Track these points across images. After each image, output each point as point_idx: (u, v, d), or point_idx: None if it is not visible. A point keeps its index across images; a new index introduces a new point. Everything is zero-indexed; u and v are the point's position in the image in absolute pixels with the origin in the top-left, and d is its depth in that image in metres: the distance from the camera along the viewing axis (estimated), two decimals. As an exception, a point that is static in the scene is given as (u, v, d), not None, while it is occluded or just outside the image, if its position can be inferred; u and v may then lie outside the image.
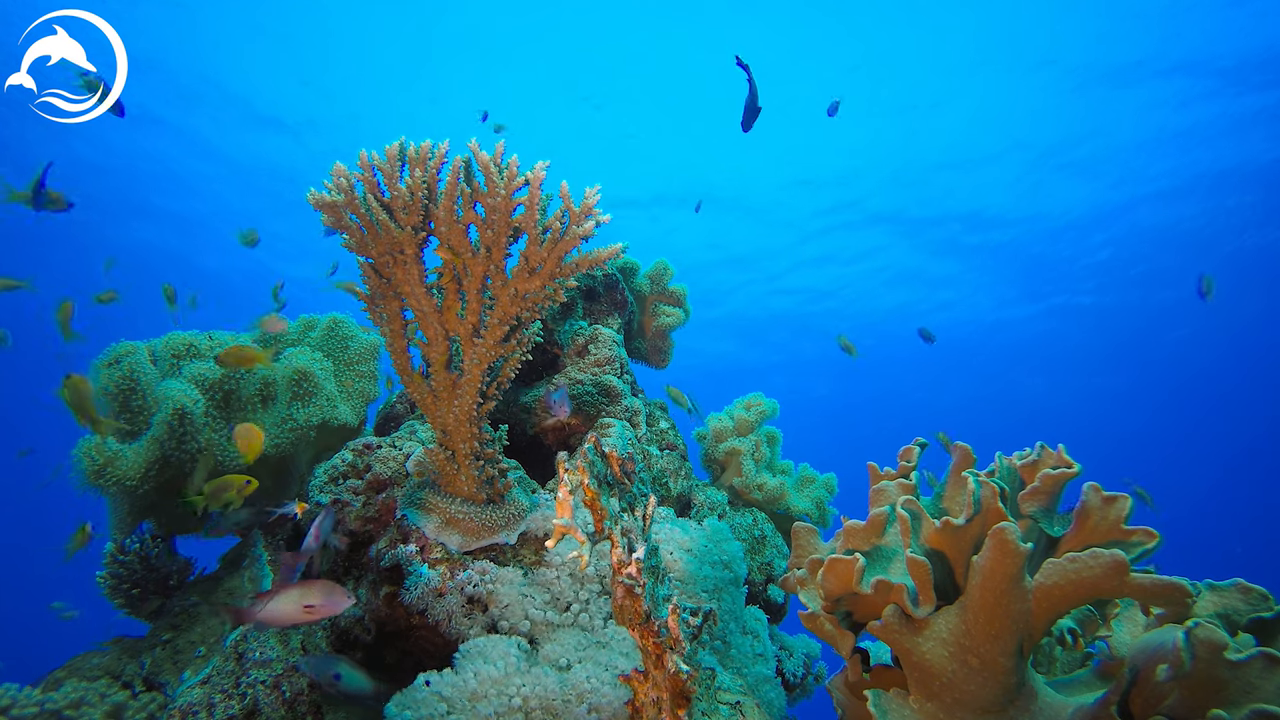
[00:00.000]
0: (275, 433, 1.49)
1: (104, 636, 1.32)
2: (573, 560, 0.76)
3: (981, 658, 0.68)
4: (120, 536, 1.37)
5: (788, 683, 1.49)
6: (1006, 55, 7.80)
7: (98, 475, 1.24)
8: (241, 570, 1.41)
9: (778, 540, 1.74)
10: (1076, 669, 0.85)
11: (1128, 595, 0.63)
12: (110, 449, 1.25)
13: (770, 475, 1.84)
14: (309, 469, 1.54)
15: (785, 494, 1.79)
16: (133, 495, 1.33)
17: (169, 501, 1.44)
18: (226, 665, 1.06)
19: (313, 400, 1.53)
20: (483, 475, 1.23)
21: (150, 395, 1.37)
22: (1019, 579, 0.65)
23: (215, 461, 1.39)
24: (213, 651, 1.23)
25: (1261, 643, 0.65)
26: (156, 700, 1.15)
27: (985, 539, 0.66)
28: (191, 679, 1.09)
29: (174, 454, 1.33)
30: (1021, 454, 0.81)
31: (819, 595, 0.80)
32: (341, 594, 0.91)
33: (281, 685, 1.03)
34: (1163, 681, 0.61)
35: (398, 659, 1.26)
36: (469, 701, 0.97)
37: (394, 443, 1.47)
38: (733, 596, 1.33)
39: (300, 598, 0.88)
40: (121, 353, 1.37)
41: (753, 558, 1.66)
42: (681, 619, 0.80)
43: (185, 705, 0.98)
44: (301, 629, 1.18)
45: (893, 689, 0.76)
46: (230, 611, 1.00)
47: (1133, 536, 0.67)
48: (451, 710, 0.96)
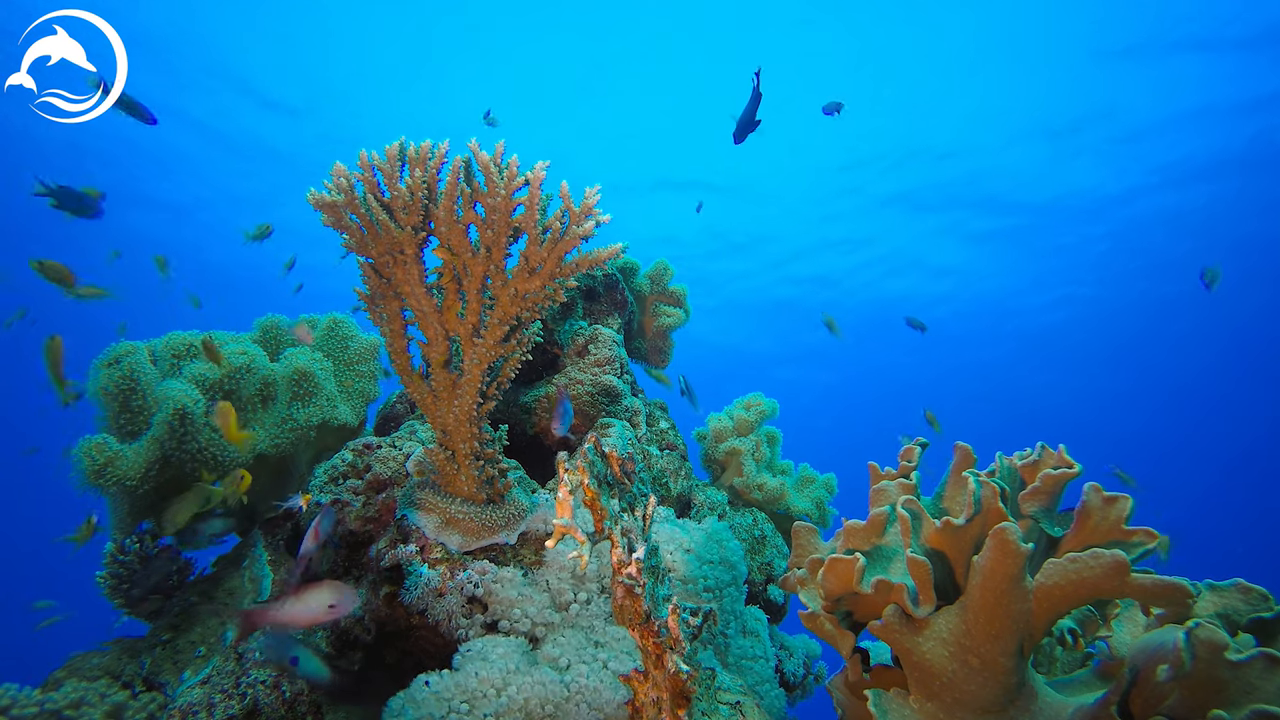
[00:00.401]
0: (275, 432, 1.49)
1: (105, 636, 1.32)
2: (573, 560, 0.76)
3: (982, 657, 0.68)
4: (120, 536, 1.37)
5: (788, 683, 1.49)
6: (1012, 36, 7.77)
7: (98, 475, 1.24)
8: (242, 570, 1.41)
9: (778, 540, 1.74)
10: (1077, 669, 0.85)
11: (1128, 596, 0.63)
12: (111, 449, 1.25)
13: (770, 475, 1.84)
14: (309, 469, 1.54)
15: (785, 494, 1.80)
16: (133, 495, 1.33)
17: (169, 501, 1.44)
18: (226, 665, 1.06)
19: (313, 400, 1.53)
20: (483, 475, 1.23)
21: (150, 395, 1.36)
22: (1020, 579, 0.65)
23: (213, 466, 1.39)
24: (213, 651, 1.23)
25: (1262, 643, 0.65)
26: (156, 700, 1.15)
27: (986, 539, 0.66)
28: (191, 679, 1.09)
29: (174, 454, 1.33)
30: (1022, 454, 0.81)
31: (819, 595, 0.80)
32: (352, 593, 0.91)
33: (281, 685, 1.03)
34: (1163, 682, 0.61)
35: (398, 659, 1.26)
36: (469, 702, 0.97)
37: (394, 443, 1.47)
38: (733, 597, 1.33)
39: (321, 598, 0.88)
40: (121, 353, 1.36)
41: (753, 558, 1.66)
42: (681, 619, 0.80)
43: (185, 705, 0.98)
44: (302, 630, 1.18)
45: (893, 689, 0.76)
46: (240, 616, 0.99)
47: (1133, 537, 0.67)
48: (451, 711, 0.96)
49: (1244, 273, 10.34)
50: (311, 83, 8.57)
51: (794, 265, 11.25)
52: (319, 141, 9.25)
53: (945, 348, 13.52)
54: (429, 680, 1.00)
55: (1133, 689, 0.64)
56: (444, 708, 0.96)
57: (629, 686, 0.80)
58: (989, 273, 11.41)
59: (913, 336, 5.45)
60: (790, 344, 13.85)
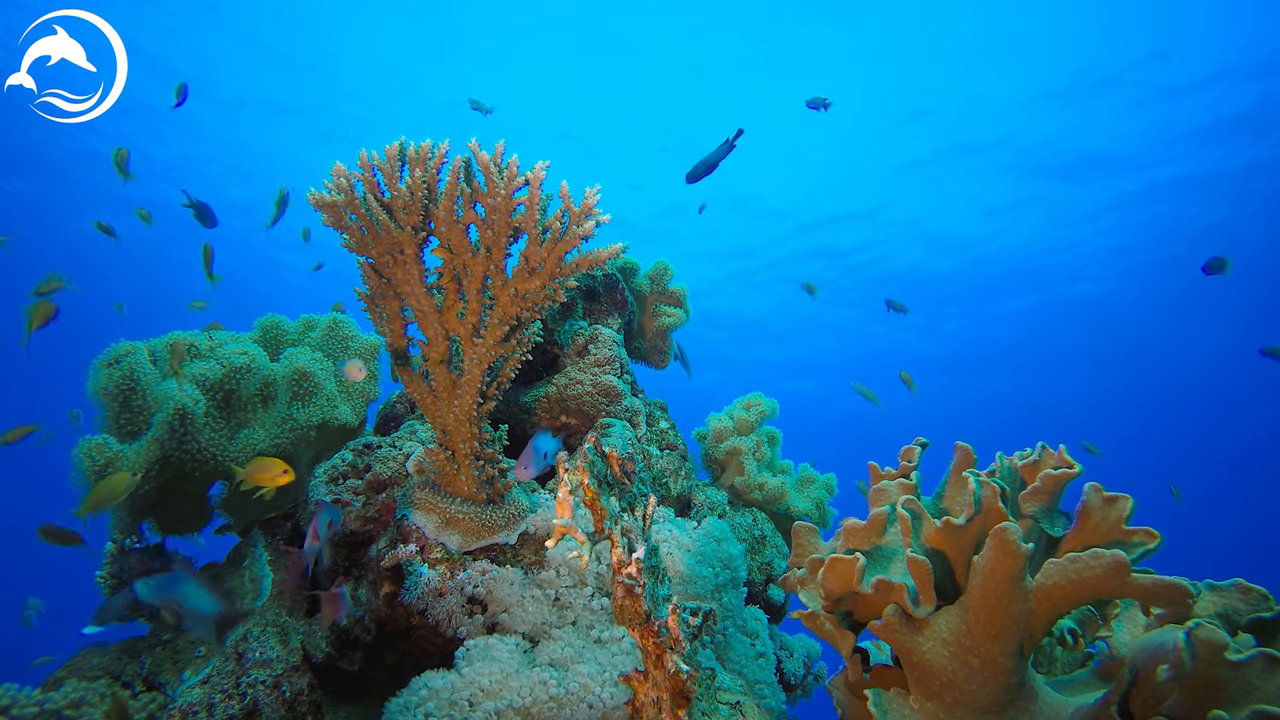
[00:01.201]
0: (275, 432, 1.49)
1: (107, 636, 1.32)
2: (573, 560, 0.76)
3: (982, 658, 0.68)
4: (120, 537, 1.37)
5: (788, 683, 1.49)
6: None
7: (98, 475, 1.24)
8: (242, 570, 1.41)
9: (778, 540, 1.74)
10: (1077, 669, 0.85)
11: (1128, 595, 0.63)
12: (111, 449, 1.25)
13: (771, 475, 1.84)
14: (309, 469, 1.54)
15: (785, 494, 1.80)
16: (132, 495, 1.33)
17: (169, 501, 1.44)
18: (226, 665, 1.06)
19: (313, 400, 1.53)
20: (483, 475, 1.23)
21: (151, 395, 1.36)
22: (1020, 579, 0.65)
23: (213, 467, 1.39)
24: (212, 651, 1.23)
25: (1262, 643, 0.65)
26: (156, 700, 1.15)
27: (986, 539, 0.66)
28: (191, 679, 1.09)
29: (174, 454, 1.33)
30: (1022, 454, 0.81)
31: (819, 594, 0.80)
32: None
33: (281, 685, 1.03)
34: (1163, 682, 0.61)
35: (398, 659, 1.26)
36: (469, 701, 0.97)
37: (394, 443, 1.47)
38: (732, 597, 1.33)
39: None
40: (121, 353, 1.36)
41: (753, 558, 1.66)
42: (681, 619, 0.80)
43: (185, 705, 0.98)
44: (302, 629, 1.18)
45: (893, 689, 0.76)
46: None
47: (1134, 537, 0.67)
48: (452, 710, 0.96)
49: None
50: (313, 80, 8.58)
51: (803, 238, 11.03)
52: (320, 139, 9.27)
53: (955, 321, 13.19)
54: (428, 680, 1.00)
55: (1133, 689, 0.64)
56: (444, 707, 0.96)
57: (629, 686, 0.80)
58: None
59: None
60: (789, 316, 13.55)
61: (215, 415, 1.42)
